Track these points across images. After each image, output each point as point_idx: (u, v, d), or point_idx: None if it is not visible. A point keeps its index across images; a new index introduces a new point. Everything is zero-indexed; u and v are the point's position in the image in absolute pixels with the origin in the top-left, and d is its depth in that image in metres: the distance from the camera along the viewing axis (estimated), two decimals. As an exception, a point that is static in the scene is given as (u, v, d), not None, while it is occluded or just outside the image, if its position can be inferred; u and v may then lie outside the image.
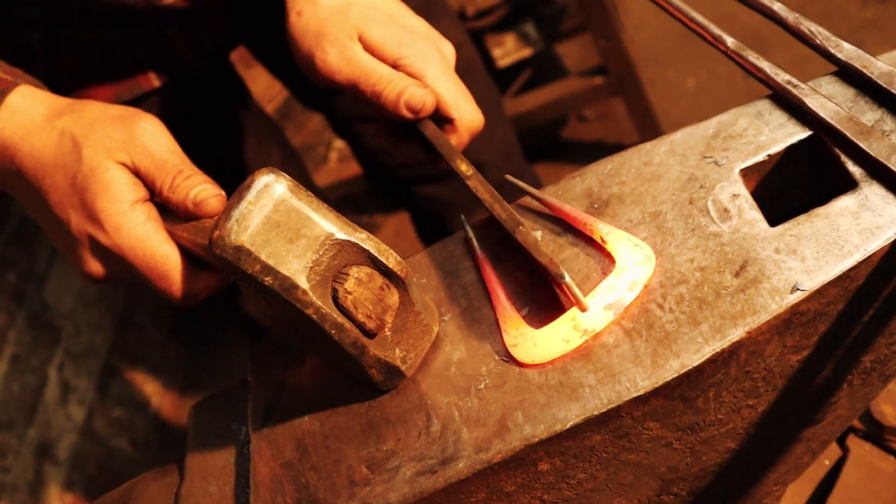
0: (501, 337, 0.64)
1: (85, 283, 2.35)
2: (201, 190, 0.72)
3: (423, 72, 0.80)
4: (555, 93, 2.27)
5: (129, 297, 2.54)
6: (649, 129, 2.24)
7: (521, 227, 0.65)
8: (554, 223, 0.69)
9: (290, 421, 0.68)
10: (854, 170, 0.60)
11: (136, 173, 0.73)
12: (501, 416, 0.60)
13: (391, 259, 0.62)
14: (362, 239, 0.61)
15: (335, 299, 0.61)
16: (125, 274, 0.75)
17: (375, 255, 0.62)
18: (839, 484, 0.78)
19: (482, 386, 0.62)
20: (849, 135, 0.60)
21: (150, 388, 2.53)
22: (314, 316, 0.60)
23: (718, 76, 2.47)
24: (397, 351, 0.64)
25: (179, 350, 2.65)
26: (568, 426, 0.57)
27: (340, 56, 0.80)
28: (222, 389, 0.80)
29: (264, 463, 0.67)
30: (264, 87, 2.35)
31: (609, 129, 2.54)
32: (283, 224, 0.59)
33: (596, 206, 0.68)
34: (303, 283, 0.59)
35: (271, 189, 0.59)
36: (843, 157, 0.61)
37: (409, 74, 0.80)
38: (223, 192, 0.74)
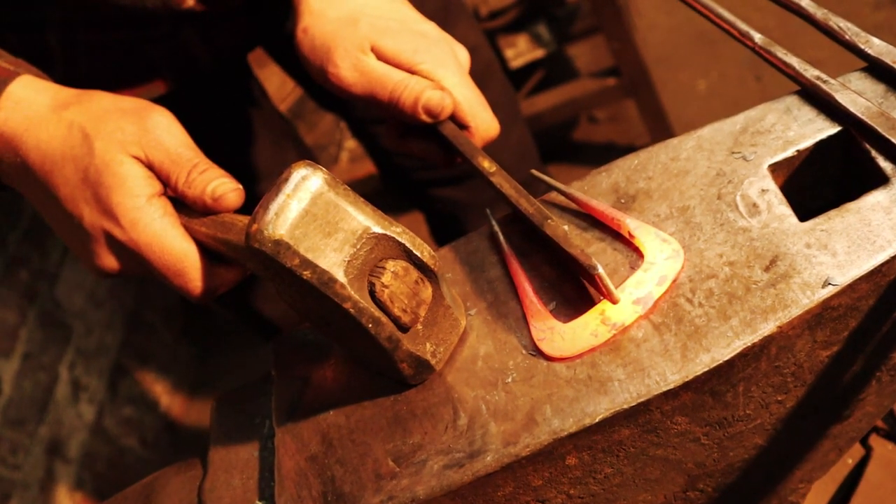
0: (529, 331, 0.64)
1: (96, 281, 2.36)
2: (220, 184, 0.71)
3: (441, 78, 0.80)
4: (567, 94, 2.27)
5: (139, 297, 2.54)
6: (661, 131, 2.24)
7: (549, 221, 0.65)
8: (580, 218, 0.69)
9: (315, 415, 0.68)
10: (885, 165, 0.60)
11: (150, 167, 0.72)
12: (529, 410, 0.59)
13: (426, 253, 0.62)
14: (398, 233, 0.61)
15: (371, 293, 0.60)
16: (139, 269, 0.74)
17: (411, 248, 0.61)
18: (863, 483, 0.78)
19: (509, 380, 0.62)
20: (880, 130, 0.60)
21: (160, 388, 2.53)
22: (352, 310, 0.59)
23: (730, 78, 2.46)
24: (428, 345, 0.63)
25: (189, 350, 2.66)
26: (597, 420, 0.57)
27: (353, 68, 0.80)
28: (244, 383, 0.79)
29: (289, 456, 0.66)
30: (277, 86, 2.35)
31: (620, 131, 2.54)
32: (321, 217, 0.59)
33: (623, 201, 0.68)
34: (341, 276, 0.59)
35: (308, 182, 0.59)
36: (874, 153, 0.61)
37: None
38: (241, 186, 0.73)
